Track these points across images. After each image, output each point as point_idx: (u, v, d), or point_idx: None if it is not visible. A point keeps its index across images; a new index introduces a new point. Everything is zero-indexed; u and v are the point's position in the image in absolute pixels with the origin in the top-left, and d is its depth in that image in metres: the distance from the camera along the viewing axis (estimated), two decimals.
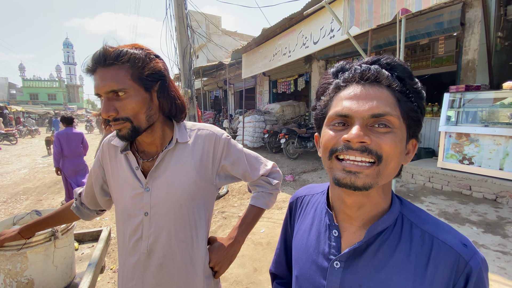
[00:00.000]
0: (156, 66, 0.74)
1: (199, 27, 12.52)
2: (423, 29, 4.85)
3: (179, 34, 6.55)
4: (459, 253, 0.45)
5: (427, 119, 5.51)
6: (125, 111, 0.70)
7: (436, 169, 4.00)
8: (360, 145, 0.43)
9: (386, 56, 0.49)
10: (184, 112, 0.86)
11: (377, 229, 0.49)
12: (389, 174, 0.46)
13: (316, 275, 0.54)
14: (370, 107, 0.44)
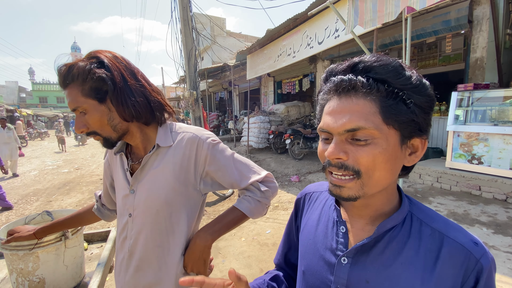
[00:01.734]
0: (96, 77, 0.69)
1: (204, 29, 12.61)
2: (429, 27, 4.78)
3: (184, 36, 6.61)
4: (469, 251, 0.44)
5: (434, 118, 5.44)
6: (90, 126, 0.73)
7: (444, 169, 3.93)
8: (337, 162, 0.45)
9: (368, 57, 0.45)
10: (162, 113, 0.81)
11: (387, 226, 0.49)
12: (378, 183, 0.45)
13: (324, 270, 0.54)
14: (342, 123, 0.44)
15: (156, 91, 0.81)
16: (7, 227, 1.34)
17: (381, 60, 0.44)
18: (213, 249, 3.00)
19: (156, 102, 0.78)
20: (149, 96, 0.77)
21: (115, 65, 0.72)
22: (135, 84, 0.75)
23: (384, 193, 0.50)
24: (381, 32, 5.00)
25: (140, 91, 0.75)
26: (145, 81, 0.79)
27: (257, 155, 7.66)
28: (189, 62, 6.70)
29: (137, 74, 0.77)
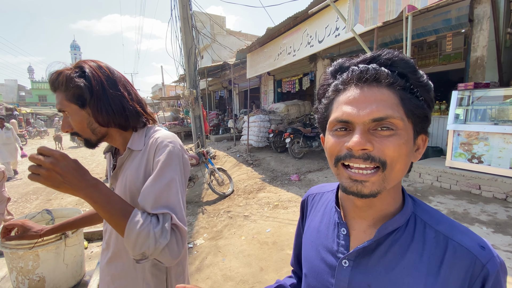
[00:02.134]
0: (76, 86, 0.76)
1: (204, 28, 12.57)
2: (430, 26, 4.77)
3: (184, 35, 6.59)
4: (475, 256, 0.43)
5: (434, 117, 5.43)
6: (72, 127, 0.81)
7: (444, 168, 3.94)
8: (362, 153, 0.42)
9: (386, 51, 0.46)
10: (137, 120, 0.84)
11: (388, 228, 0.47)
12: (396, 176, 0.45)
13: (325, 273, 0.53)
14: (370, 111, 0.42)
15: (135, 99, 0.86)
16: None
17: (402, 56, 0.45)
18: (213, 248, 3.01)
19: (131, 110, 0.83)
20: (126, 104, 0.82)
21: (97, 74, 0.78)
22: (114, 93, 0.80)
23: (390, 192, 0.48)
24: (382, 31, 4.99)
25: (117, 100, 0.80)
26: (126, 90, 0.84)
27: (257, 154, 7.66)
28: (189, 60, 6.68)
29: (118, 83, 0.82)
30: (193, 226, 3.70)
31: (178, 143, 0.82)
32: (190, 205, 4.56)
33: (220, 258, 2.80)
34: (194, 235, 3.46)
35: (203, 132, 6.90)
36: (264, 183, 5.17)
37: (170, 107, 16.81)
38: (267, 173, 5.83)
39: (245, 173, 6.03)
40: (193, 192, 5.22)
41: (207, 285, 2.40)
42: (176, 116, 14.46)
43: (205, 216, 4.01)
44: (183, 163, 0.81)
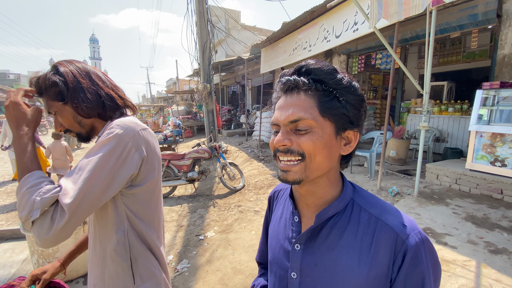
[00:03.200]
0: (51, 82, 0.80)
1: (219, 22, 12.56)
2: (454, 22, 4.55)
3: (199, 29, 6.61)
4: (397, 233, 0.50)
5: (455, 117, 5.22)
6: (63, 125, 0.85)
7: (464, 171, 3.78)
8: (284, 148, 0.52)
9: (309, 62, 0.54)
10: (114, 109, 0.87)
11: (328, 213, 0.55)
12: (320, 167, 0.52)
13: (283, 258, 0.60)
14: (287, 115, 0.52)
15: (110, 87, 0.88)
16: None
17: (319, 64, 0.53)
18: (223, 241, 3.04)
19: (106, 97, 0.86)
20: (101, 91, 0.85)
21: (69, 69, 0.82)
22: (87, 83, 0.83)
23: (326, 181, 0.56)
24: (402, 26, 4.80)
25: (92, 89, 0.84)
26: (99, 79, 0.86)
27: (268, 150, 7.64)
28: (204, 54, 6.70)
29: (91, 74, 0.85)
30: (204, 219, 3.75)
31: (131, 128, 0.77)
32: (201, 198, 4.62)
33: (230, 251, 2.82)
34: (205, 227, 3.50)
35: (215, 127, 6.93)
36: (275, 179, 5.15)
37: (183, 101, 17.00)
38: (278, 170, 5.81)
39: (256, 168, 6.03)
40: (205, 186, 5.28)
41: (217, 277, 2.43)
42: (190, 110, 14.62)
43: (216, 209, 4.05)
44: (128, 147, 0.75)
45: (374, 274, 0.50)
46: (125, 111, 0.91)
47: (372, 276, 0.50)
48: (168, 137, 7.89)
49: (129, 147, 0.76)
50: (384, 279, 0.50)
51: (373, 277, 0.50)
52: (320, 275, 0.54)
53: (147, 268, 0.86)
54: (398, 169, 4.80)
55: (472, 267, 2.18)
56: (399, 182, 4.18)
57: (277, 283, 0.62)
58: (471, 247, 2.47)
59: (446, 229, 2.79)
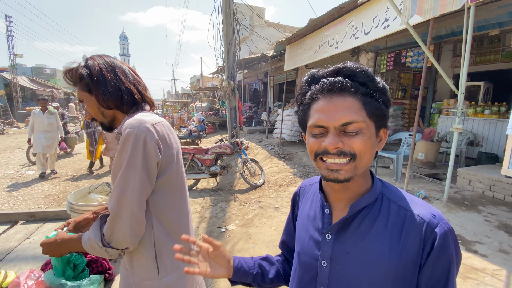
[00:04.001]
0: (79, 76, 0.88)
1: (244, 19, 12.62)
2: (493, 19, 4.24)
3: (225, 26, 6.70)
4: (427, 222, 0.53)
5: (491, 120, 4.89)
6: (90, 114, 0.94)
7: (499, 177, 3.55)
8: (336, 150, 0.53)
9: (349, 65, 0.56)
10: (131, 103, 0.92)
11: (360, 205, 0.58)
12: (365, 165, 0.56)
13: (313, 248, 0.63)
14: (339, 118, 0.53)
15: (132, 82, 0.94)
16: (75, 193, 1.53)
17: (360, 67, 0.56)
18: (244, 235, 3.11)
19: (125, 90, 0.91)
20: (121, 85, 0.90)
21: (96, 63, 0.89)
22: (111, 77, 0.89)
23: (361, 176, 0.59)
24: (437, 23, 4.56)
25: (114, 83, 0.89)
26: (123, 74, 0.92)
27: (289, 148, 7.62)
28: (229, 52, 6.80)
29: (116, 69, 0.91)
30: (226, 212, 3.85)
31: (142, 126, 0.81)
32: (223, 192, 4.74)
33: (251, 245, 2.89)
34: (226, 220, 3.59)
35: (238, 123, 7.03)
36: (295, 178, 5.15)
37: (206, 98, 17.34)
38: (298, 168, 5.79)
39: (276, 166, 6.06)
40: (226, 180, 5.39)
41: None
42: (212, 107, 14.90)
43: (237, 204, 4.13)
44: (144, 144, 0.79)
45: (404, 260, 0.53)
46: (142, 106, 0.94)
47: (402, 262, 0.53)
48: (192, 132, 8.13)
49: (147, 140, 0.80)
50: (413, 265, 0.53)
51: (403, 263, 0.53)
52: (351, 262, 0.57)
53: (172, 261, 0.88)
54: (426, 173, 4.60)
55: (502, 277, 2.07)
56: (427, 186, 4.02)
57: (306, 272, 0.64)
58: (502, 256, 2.34)
59: (477, 237, 2.66)
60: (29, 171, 6.05)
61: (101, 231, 0.82)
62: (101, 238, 0.81)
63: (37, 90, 20.44)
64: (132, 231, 0.79)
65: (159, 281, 0.87)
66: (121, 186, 0.78)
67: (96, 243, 0.80)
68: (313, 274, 0.62)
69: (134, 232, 0.80)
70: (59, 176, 5.75)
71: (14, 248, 1.55)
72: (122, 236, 0.79)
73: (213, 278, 0.59)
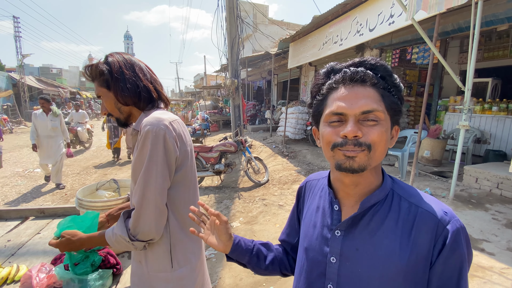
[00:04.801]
0: (99, 72, 0.91)
1: (247, 17, 12.59)
2: (502, 14, 4.15)
3: (229, 24, 6.70)
4: (438, 219, 0.53)
5: (499, 117, 4.82)
6: (107, 109, 0.95)
7: (507, 175, 3.50)
8: (354, 139, 0.52)
9: (369, 58, 0.57)
10: (148, 100, 0.94)
11: (370, 202, 0.57)
12: (378, 157, 0.55)
13: (322, 244, 0.63)
14: (360, 105, 0.52)
15: (150, 80, 0.96)
16: (83, 190, 1.56)
17: (382, 62, 0.57)
18: (249, 232, 3.13)
19: (143, 88, 0.93)
20: (140, 83, 0.92)
21: (116, 60, 0.91)
22: (130, 74, 0.91)
23: (372, 172, 0.58)
24: (443, 18, 4.49)
25: (132, 80, 0.91)
26: (141, 72, 0.94)
27: (293, 146, 7.61)
28: (232, 50, 6.80)
29: (135, 67, 0.93)
30: (230, 210, 3.87)
31: (161, 123, 0.83)
32: (227, 190, 4.76)
33: None
34: (230, 217, 3.62)
35: (241, 121, 7.04)
36: (299, 176, 5.14)
37: (210, 96, 17.38)
38: (302, 166, 5.79)
39: (280, 164, 6.06)
40: (230, 178, 5.42)
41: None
42: (216, 105, 14.92)
43: (241, 201, 4.15)
44: (164, 141, 0.82)
45: (415, 257, 0.52)
46: (157, 104, 0.97)
47: (413, 259, 0.52)
48: (196, 130, 8.17)
49: (167, 137, 0.83)
50: (424, 262, 0.53)
51: (414, 260, 0.52)
52: (361, 258, 0.56)
53: (184, 255, 0.92)
54: (432, 171, 4.56)
55: (510, 275, 2.05)
56: (433, 184, 3.98)
57: (314, 268, 0.64)
58: (510, 254, 2.32)
59: (484, 235, 2.63)
60: (37, 169, 6.16)
61: (126, 226, 0.85)
62: (127, 233, 0.83)
63: (44, 90, 20.71)
64: (157, 222, 0.83)
65: (172, 273, 0.90)
66: (145, 181, 0.82)
67: (123, 238, 0.83)
68: (321, 270, 0.62)
69: (158, 224, 0.84)
70: (67, 176, 5.83)
71: (25, 243, 1.59)
72: (148, 228, 0.82)
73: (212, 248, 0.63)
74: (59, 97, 22.05)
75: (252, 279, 2.35)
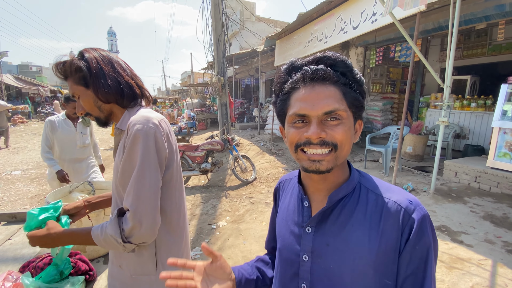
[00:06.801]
0: (75, 69, 0.85)
1: (234, 14, 12.47)
2: (480, 12, 4.29)
3: (214, 21, 6.61)
4: (404, 208, 0.53)
5: (477, 113, 5.00)
6: (84, 108, 0.90)
7: (484, 169, 3.64)
8: (319, 140, 0.52)
9: (330, 54, 0.55)
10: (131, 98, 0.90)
11: (338, 195, 0.57)
12: (345, 155, 0.55)
13: (293, 242, 0.62)
14: (322, 106, 0.52)
15: (130, 75, 0.92)
16: (55, 193, 1.49)
17: (342, 58, 0.55)
18: (235, 231, 3.10)
19: (126, 84, 0.89)
20: (121, 79, 0.88)
21: (93, 56, 0.86)
22: (109, 70, 0.87)
23: (339, 167, 0.58)
24: (424, 17, 4.60)
25: (113, 76, 0.87)
26: (121, 68, 0.90)
27: (280, 143, 7.63)
28: (218, 47, 6.72)
29: (114, 62, 0.89)
30: (217, 209, 3.83)
31: (150, 122, 0.81)
32: (214, 189, 4.71)
33: (241, 240, 2.88)
34: (217, 217, 3.58)
35: (228, 119, 6.98)
36: (286, 173, 5.16)
37: (197, 94, 17.17)
38: (290, 163, 5.81)
39: (268, 161, 6.06)
40: (217, 177, 5.36)
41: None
42: (203, 103, 14.76)
43: (228, 200, 4.12)
44: (155, 140, 0.81)
45: (383, 248, 0.53)
46: (140, 101, 0.94)
47: (382, 250, 0.53)
48: (182, 129, 8.04)
49: (157, 136, 0.82)
50: (393, 253, 0.53)
51: (383, 251, 0.53)
52: (332, 254, 0.56)
53: (169, 256, 0.89)
54: (414, 166, 4.68)
55: (487, 266, 2.12)
56: (415, 179, 4.09)
57: (288, 269, 0.62)
58: (488, 246, 2.40)
59: (463, 228, 2.72)
60: (15, 171, 5.89)
61: (120, 226, 0.80)
62: (120, 234, 0.79)
63: (23, 88, 19.83)
64: (154, 224, 0.80)
65: (157, 276, 0.88)
66: (139, 182, 0.78)
67: (114, 239, 0.79)
68: (294, 270, 0.61)
69: (155, 227, 0.81)
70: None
71: None
72: (144, 231, 0.78)
73: None
74: (39, 96, 21.17)
75: None
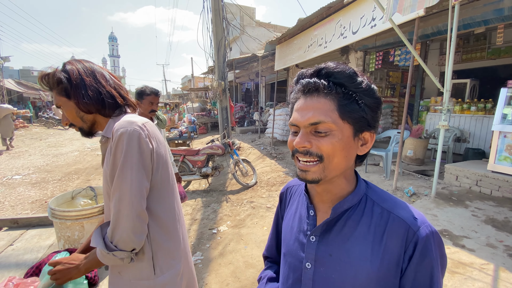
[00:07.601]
0: (56, 80, 0.86)
1: (234, 19, 12.58)
2: (479, 16, 4.33)
3: (215, 26, 6.67)
4: (409, 225, 0.52)
5: (477, 117, 5.01)
6: (68, 119, 0.91)
7: (485, 172, 3.63)
8: (303, 149, 0.53)
9: (329, 65, 0.55)
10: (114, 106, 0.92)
11: (343, 207, 0.57)
12: (336, 167, 0.54)
13: (298, 249, 0.63)
14: (307, 118, 0.53)
15: (113, 85, 0.93)
16: (57, 198, 1.50)
17: (339, 67, 0.54)
18: (236, 236, 3.09)
19: (106, 94, 0.90)
20: (102, 89, 0.89)
21: (75, 68, 0.88)
22: (90, 81, 0.88)
23: (342, 179, 0.58)
24: (423, 22, 4.64)
25: (94, 87, 0.88)
26: (103, 78, 0.92)
27: (281, 147, 7.63)
28: (219, 52, 6.77)
29: (96, 73, 0.90)
30: (217, 213, 3.82)
31: (134, 124, 0.82)
32: (215, 193, 4.71)
33: (242, 245, 2.87)
34: (218, 221, 3.57)
35: (229, 123, 7.00)
36: (287, 177, 5.15)
37: (198, 98, 17.22)
38: (290, 167, 5.80)
39: (268, 165, 6.06)
40: (218, 181, 5.36)
41: (229, 270, 2.49)
42: (204, 107, 14.80)
43: (229, 205, 4.11)
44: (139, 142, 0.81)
45: (386, 263, 0.53)
46: (125, 109, 0.95)
47: (384, 265, 0.53)
48: (183, 133, 8.05)
49: (141, 138, 0.82)
50: (395, 268, 0.53)
51: (385, 266, 0.53)
52: (334, 264, 0.57)
53: (167, 261, 0.90)
54: (415, 169, 4.67)
55: (489, 271, 2.11)
56: (416, 183, 4.08)
57: (291, 274, 0.64)
58: (490, 250, 2.39)
59: (464, 232, 2.71)
60: (16, 176, 5.90)
61: (103, 237, 0.81)
62: (104, 245, 0.80)
63: (24, 93, 19.94)
64: (135, 227, 0.79)
65: (155, 280, 0.88)
66: (121, 184, 0.79)
67: (100, 251, 0.79)
68: (298, 276, 0.62)
69: (138, 229, 0.80)
70: (47, 182, 5.61)
71: None
72: (126, 234, 0.78)
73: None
74: (40, 101, 21.27)
75: (238, 283, 2.32)
